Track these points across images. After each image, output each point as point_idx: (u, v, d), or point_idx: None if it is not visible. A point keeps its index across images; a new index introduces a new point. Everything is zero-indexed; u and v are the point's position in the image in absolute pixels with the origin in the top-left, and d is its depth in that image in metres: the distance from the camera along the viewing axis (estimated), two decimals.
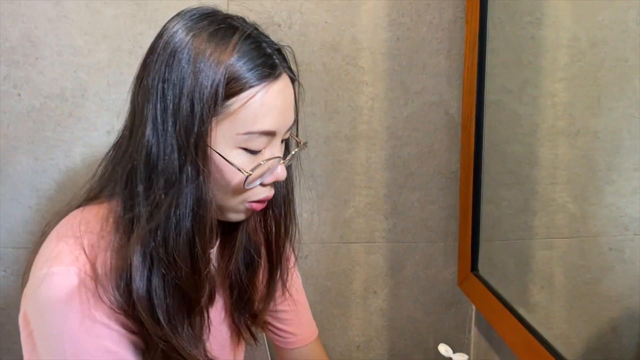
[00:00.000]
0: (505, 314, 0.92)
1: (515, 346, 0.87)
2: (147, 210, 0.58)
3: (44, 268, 0.59)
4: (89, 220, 0.63)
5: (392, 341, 1.23)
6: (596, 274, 0.77)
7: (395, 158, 1.15)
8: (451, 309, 1.22)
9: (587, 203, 0.79)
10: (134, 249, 0.58)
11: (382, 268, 1.20)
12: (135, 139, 0.60)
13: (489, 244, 1.05)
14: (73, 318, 0.57)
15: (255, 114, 0.60)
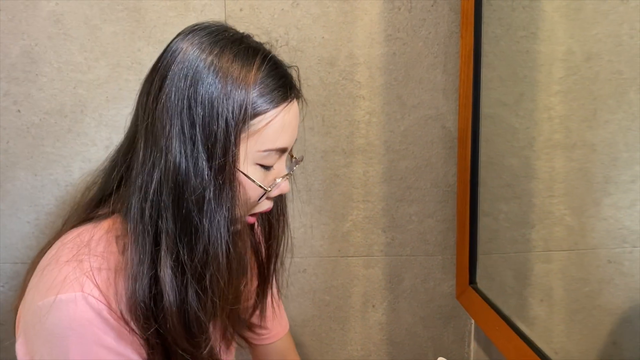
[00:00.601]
0: (504, 327, 0.90)
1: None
2: (177, 225, 0.58)
3: (50, 296, 0.57)
4: (89, 241, 0.61)
5: (392, 355, 1.21)
6: (595, 286, 0.76)
7: (392, 172, 1.14)
8: (450, 322, 1.20)
9: (585, 216, 0.78)
10: (163, 263, 0.58)
11: (380, 282, 1.19)
12: (157, 155, 0.59)
13: (487, 257, 1.04)
14: (83, 345, 0.56)
15: (277, 133, 0.62)
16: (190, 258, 0.58)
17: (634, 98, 0.66)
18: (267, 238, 0.78)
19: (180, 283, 0.58)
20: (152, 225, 0.59)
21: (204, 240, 0.58)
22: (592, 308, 0.76)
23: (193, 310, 0.59)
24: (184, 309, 0.59)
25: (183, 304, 0.59)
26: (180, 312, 0.59)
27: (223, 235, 0.59)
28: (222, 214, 0.59)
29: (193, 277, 0.58)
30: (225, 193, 0.59)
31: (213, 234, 0.58)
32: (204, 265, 0.58)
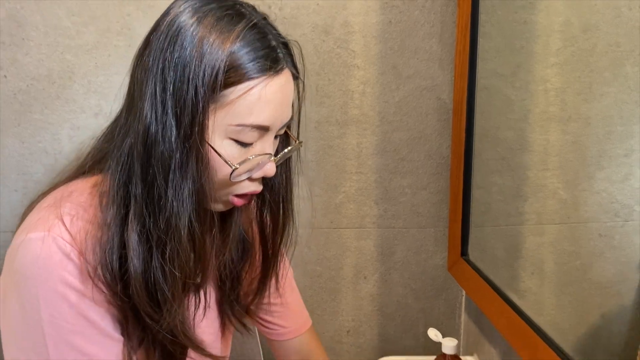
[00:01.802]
0: (495, 298, 0.92)
1: (505, 331, 0.88)
2: (145, 190, 0.58)
3: (21, 235, 0.58)
4: (73, 191, 0.62)
5: (382, 326, 1.24)
6: (586, 260, 0.77)
7: (386, 143, 1.15)
8: (441, 294, 1.23)
9: (578, 189, 0.79)
10: (130, 227, 0.58)
11: (372, 253, 1.20)
12: (133, 116, 0.60)
13: (479, 230, 1.06)
14: (50, 283, 0.57)
15: (251, 108, 0.60)
16: (154, 226, 0.58)
17: (631, 71, 0.67)
18: (271, 228, 0.75)
19: (145, 250, 0.58)
20: (123, 189, 0.59)
21: (168, 211, 0.57)
22: (582, 281, 0.78)
23: (156, 279, 0.58)
24: (148, 276, 0.59)
25: (146, 271, 0.58)
26: (144, 279, 0.59)
27: (186, 209, 0.58)
28: (187, 186, 0.58)
29: (157, 246, 0.58)
30: (191, 164, 0.58)
31: (176, 206, 0.57)
32: (166, 235, 0.58)
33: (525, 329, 0.81)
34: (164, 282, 0.59)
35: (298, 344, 0.87)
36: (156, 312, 0.60)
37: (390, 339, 1.24)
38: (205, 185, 0.59)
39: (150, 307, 0.59)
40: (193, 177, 0.58)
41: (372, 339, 1.24)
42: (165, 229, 0.58)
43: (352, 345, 1.24)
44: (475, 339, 1.13)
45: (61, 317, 0.58)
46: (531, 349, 0.78)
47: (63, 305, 0.57)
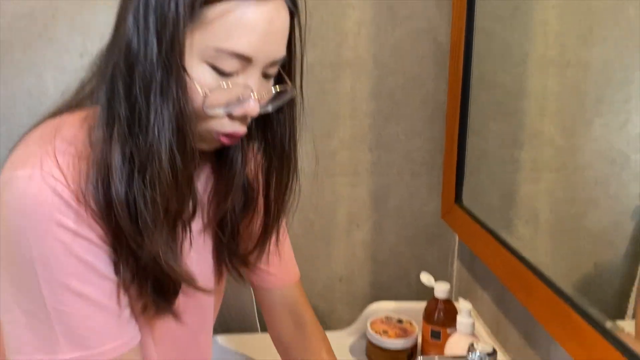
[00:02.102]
0: (490, 241, 0.94)
1: (500, 273, 0.90)
2: (127, 110, 0.57)
3: (8, 172, 0.58)
4: (62, 126, 0.62)
5: (375, 274, 1.27)
6: (581, 208, 0.79)
7: (380, 87, 1.15)
8: (434, 242, 1.25)
9: (575, 136, 0.80)
10: (113, 148, 0.58)
11: (365, 201, 1.22)
12: (117, 34, 0.59)
13: (474, 177, 1.07)
14: (41, 224, 0.57)
15: (230, 31, 0.58)
16: (136, 148, 0.58)
17: (633, 14, 0.66)
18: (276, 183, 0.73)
19: (127, 172, 0.58)
20: (108, 109, 0.59)
21: (149, 134, 0.57)
22: (576, 230, 0.79)
23: (138, 203, 0.59)
24: (129, 199, 0.59)
25: (128, 194, 0.59)
26: (126, 201, 0.59)
27: (166, 134, 0.57)
28: (168, 110, 0.57)
29: (139, 170, 0.58)
30: (172, 86, 0.57)
31: (157, 129, 0.57)
32: (147, 159, 0.58)
33: (521, 269, 0.83)
34: (144, 207, 0.59)
35: (284, 295, 0.88)
36: (139, 237, 0.60)
37: (382, 286, 1.27)
38: (185, 111, 0.58)
39: (133, 231, 0.60)
40: (173, 100, 0.57)
41: (364, 287, 1.27)
42: (146, 153, 0.58)
43: (344, 292, 1.27)
44: (468, 286, 1.16)
45: (54, 258, 0.58)
46: (527, 289, 0.80)
47: (55, 246, 0.58)
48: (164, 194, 0.59)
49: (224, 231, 0.75)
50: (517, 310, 0.92)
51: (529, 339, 0.87)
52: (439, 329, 1.03)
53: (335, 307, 1.28)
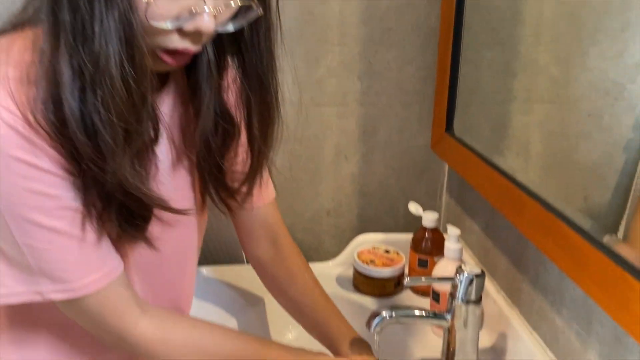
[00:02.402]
0: (480, 164, 0.95)
1: (490, 195, 0.91)
2: (71, 17, 0.55)
3: None
4: (10, 49, 0.59)
5: (362, 207, 1.28)
6: (573, 141, 0.79)
7: (371, 11, 1.12)
8: (423, 175, 1.26)
9: (570, 65, 0.79)
10: (61, 61, 0.56)
11: (354, 132, 1.21)
12: None
13: (465, 108, 1.06)
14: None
15: None
16: (84, 62, 0.55)
17: None
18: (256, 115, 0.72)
19: (78, 89, 0.56)
20: (54, 20, 0.56)
21: (95, 45, 0.55)
22: (567, 163, 0.80)
23: (94, 122, 0.57)
24: (85, 118, 0.57)
25: (83, 113, 0.57)
26: (82, 121, 0.57)
27: (115, 46, 0.55)
28: (114, 19, 0.55)
29: (90, 86, 0.56)
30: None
31: (104, 40, 0.55)
32: (96, 73, 0.55)
33: (512, 189, 0.84)
34: (101, 126, 0.57)
35: (263, 215, 0.89)
36: (101, 160, 0.59)
37: (370, 219, 1.29)
38: (131, 22, 0.56)
39: (94, 154, 0.58)
40: (119, 8, 0.55)
41: (352, 220, 1.29)
42: (95, 66, 0.55)
43: (331, 226, 1.29)
44: (456, 217, 1.17)
45: (16, 194, 0.59)
46: (518, 209, 0.81)
47: (16, 181, 0.58)
48: (120, 112, 0.57)
49: (206, 163, 0.74)
50: (506, 237, 0.94)
51: (517, 264, 0.90)
52: (426, 258, 1.06)
53: (322, 240, 1.30)
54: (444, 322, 0.83)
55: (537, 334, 0.83)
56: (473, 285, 0.81)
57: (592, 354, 0.68)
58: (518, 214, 0.81)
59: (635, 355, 0.60)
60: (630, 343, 0.61)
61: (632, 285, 0.55)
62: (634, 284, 0.55)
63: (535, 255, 0.82)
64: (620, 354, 0.63)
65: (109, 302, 0.66)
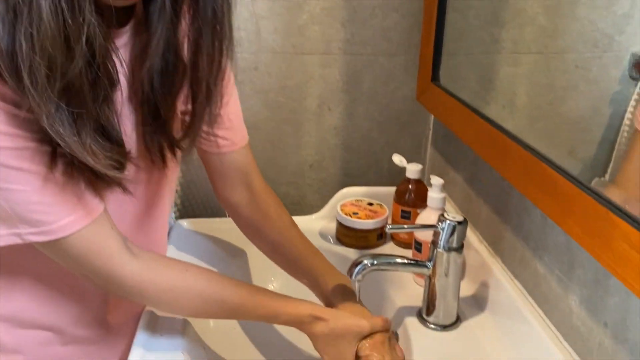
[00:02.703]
0: (465, 112, 0.96)
1: (474, 142, 0.93)
2: None
3: None
4: None
5: (346, 160, 1.29)
6: (559, 93, 0.80)
7: None
8: (408, 128, 1.27)
9: (559, 15, 0.80)
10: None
11: (337, 83, 1.22)
12: None
13: (451, 58, 1.07)
14: None
15: None
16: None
17: None
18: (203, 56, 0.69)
19: (9, 21, 0.54)
20: None
21: None
22: (554, 116, 0.81)
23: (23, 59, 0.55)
24: (14, 52, 0.55)
25: (13, 45, 0.55)
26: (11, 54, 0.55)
27: None
28: None
29: (19, 14, 0.54)
30: None
31: None
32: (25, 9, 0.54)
33: (497, 135, 0.85)
34: (22, 62, 0.55)
35: (236, 159, 0.89)
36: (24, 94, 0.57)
37: (354, 173, 1.30)
38: None
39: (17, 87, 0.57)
40: None
41: (335, 173, 1.30)
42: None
43: (314, 179, 1.30)
44: (440, 170, 1.19)
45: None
46: (502, 154, 0.83)
47: None
48: (43, 48, 0.55)
49: (149, 104, 0.71)
50: (489, 187, 0.97)
51: (500, 213, 0.92)
52: (409, 209, 1.08)
53: (305, 193, 1.31)
54: (425, 269, 0.86)
55: (519, 282, 0.86)
56: (455, 232, 0.83)
57: (573, 299, 0.71)
58: (502, 160, 0.83)
59: (615, 296, 0.63)
60: (611, 285, 0.63)
61: (616, 223, 0.57)
62: (617, 222, 0.57)
63: (518, 203, 0.84)
64: (600, 296, 0.66)
65: (92, 243, 0.67)
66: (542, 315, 0.79)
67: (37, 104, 0.56)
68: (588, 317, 0.68)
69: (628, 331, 0.61)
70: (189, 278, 0.76)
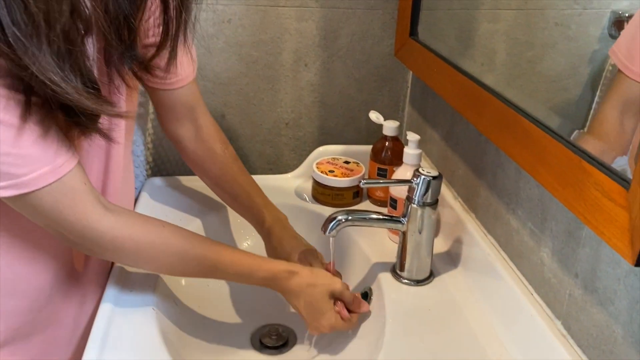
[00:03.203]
0: (443, 66, 0.97)
1: (451, 97, 0.94)
2: None
3: None
4: None
5: (323, 118, 1.29)
6: (538, 51, 0.81)
7: None
8: (386, 85, 1.27)
9: None
10: None
11: (314, 37, 1.21)
12: None
13: (431, 13, 1.07)
14: None
15: None
16: None
17: None
18: None
19: None
20: None
21: None
22: (532, 74, 0.82)
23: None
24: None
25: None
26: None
27: None
28: None
29: None
30: None
31: None
32: None
33: (474, 88, 0.86)
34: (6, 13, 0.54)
35: (184, 94, 0.90)
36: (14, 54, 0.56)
37: (330, 131, 1.31)
38: None
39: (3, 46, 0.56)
40: None
41: (312, 132, 1.30)
42: None
43: (291, 137, 1.30)
44: (418, 128, 1.20)
45: None
46: (478, 107, 0.84)
47: None
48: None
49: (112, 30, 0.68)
50: (465, 143, 0.98)
51: (475, 169, 0.94)
52: (385, 167, 1.09)
53: (281, 152, 1.31)
54: (399, 225, 0.87)
55: (492, 237, 0.87)
56: (430, 188, 0.84)
57: (545, 251, 0.73)
58: (479, 114, 0.84)
59: (586, 247, 0.65)
60: (582, 236, 0.65)
61: (588, 171, 0.58)
62: (590, 170, 0.58)
63: (494, 158, 0.86)
64: (572, 247, 0.67)
65: (65, 197, 0.66)
66: (515, 268, 0.81)
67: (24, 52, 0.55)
68: (559, 268, 0.70)
69: (598, 280, 0.63)
70: (167, 235, 0.76)
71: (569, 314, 0.69)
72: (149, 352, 0.74)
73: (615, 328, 0.61)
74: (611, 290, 0.61)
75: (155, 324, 0.79)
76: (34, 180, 0.63)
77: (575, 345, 0.67)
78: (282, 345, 0.92)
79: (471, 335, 0.79)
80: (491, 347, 0.77)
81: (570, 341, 0.68)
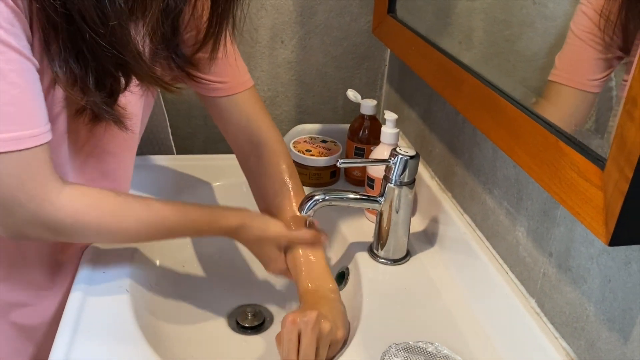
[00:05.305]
0: (421, 44, 0.97)
1: (429, 75, 0.93)
2: None
3: None
4: None
5: (300, 97, 1.29)
6: (516, 30, 0.80)
7: None
8: (364, 63, 1.27)
9: None
10: None
11: (291, 13, 1.20)
12: None
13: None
14: None
15: None
16: None
17: None
18: None
19: None
20: None
21: None
22: (509, 53, 0.82)
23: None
24: None
25: None
26: None
27: None
28: None
29: None
30: None
31: None
32: None
33: (452, 66, 0.86)
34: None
35: (239, 102, 0.90)
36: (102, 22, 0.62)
37: (308, 110, 1.30)
38: None
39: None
40: None
41: (289, 111, 1.30)
42: None
43: None
44: (396, 107, 1.20)
45: None
46: (456, 86, 0.84)
47: None
48: None
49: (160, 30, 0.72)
50: (443, 122, 0.98)
51: (452, 148, 0.94)
52: (363, 147, 1.09)
53: None
54: (376, 204, 0.87)
55: (468, 216, 0.88)
56: (407, 167, 0.85)
57: (520, 230, 0.74)
58: (456, 92, 0.84)
59: (561, 226, 0.65)
60: (558, 215, 0.66)
61: (564, 151, 0.59)
62: (566, 150, 0.59)
63: (471, 138, 0.86)
64: (547, 227, 0.68)
65: (30, 167, 0.64)
66: (490, 247, 0.81)
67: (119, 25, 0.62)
68: (534, 247, 0.71)
69: (571, 259, 0.64)
70: (125, 202, 0.76)
71: (542, 292, 0.70)
72: (123, 336, 0.73)
73: (587, 306, 0.62)
74: (584, 269, 0.62)
75: (130, 306, 0.78)
76: (2, 142, 0.61)
77: (549, 323, 0.68)
78: (259, 325, 0.92)
79: (447, 314, 0.80)
80: (466, 324, 0.78)
81: (544, 319, 0.69)
